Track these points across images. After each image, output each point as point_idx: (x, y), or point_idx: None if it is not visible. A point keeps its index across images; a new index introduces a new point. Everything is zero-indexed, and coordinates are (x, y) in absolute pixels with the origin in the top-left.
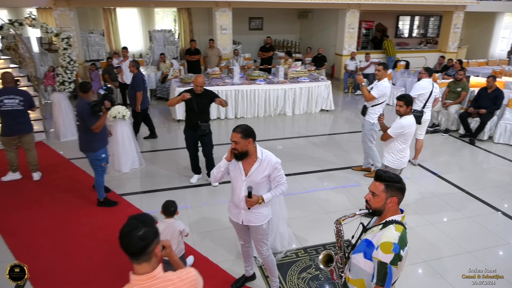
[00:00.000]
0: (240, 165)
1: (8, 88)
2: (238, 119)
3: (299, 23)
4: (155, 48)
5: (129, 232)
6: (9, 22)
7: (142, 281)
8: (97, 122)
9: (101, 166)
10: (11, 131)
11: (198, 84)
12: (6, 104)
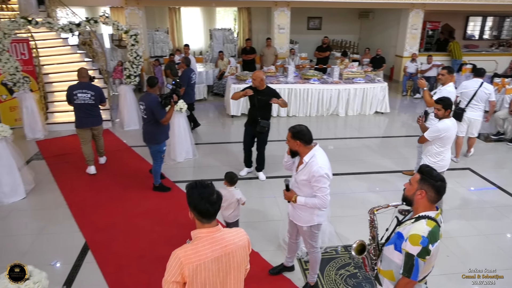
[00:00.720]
0: (296, 161)
1: (82, 83)
2: (290, 117)
3: (359, 23)
4: (214, 46)
5: (209, 197)
6: (86, 19)
7: (212, 233)
8: (167, 115)
9: (161, 157)
10: (82, 123)
11: (254, 78)
12: (79, 98)
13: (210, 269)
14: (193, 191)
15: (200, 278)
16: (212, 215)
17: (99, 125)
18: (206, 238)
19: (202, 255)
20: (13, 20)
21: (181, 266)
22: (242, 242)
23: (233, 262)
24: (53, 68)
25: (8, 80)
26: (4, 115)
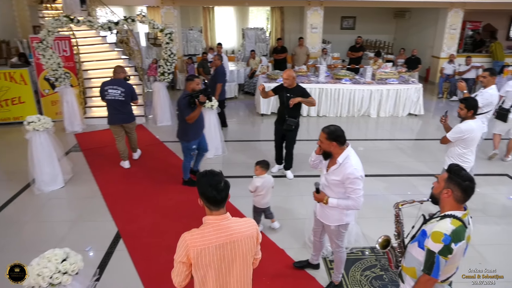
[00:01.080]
0: (324, 160)
1: (114, 79)
2: (320, 117)
3: (395, 23)
4: (246, 45)
5: (216, 185)
6: (124, 18)
7: (218, 220)
8: (191, 114)
9: (190, 154)
10: (113, 119)
11: (284, 77)
12: (109, 94)
13: (214, 254)
14: (202, 179)
15: (204, 261)
16: (219, 203)
17: (130, 123)
18: (213, 225)
19: (207, 240)
20: (56, 18)
21: (187, 248)
22: (249, 232)
23: (238, 251)
24: (92, 64)
25: (50, 76)
26: (46, 108)
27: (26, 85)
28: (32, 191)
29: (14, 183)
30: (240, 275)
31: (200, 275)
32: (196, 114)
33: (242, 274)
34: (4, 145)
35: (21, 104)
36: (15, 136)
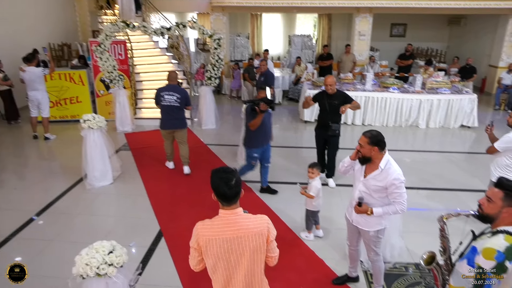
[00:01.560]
0: (359, 166)
1: (170, 85)
2: (365, 126)
3: (448, 30)
4: (292, 51)
5: (227, 181)
6: (176, 24)
7: (228, 214)
8: (252, 121)
9: (251, 163)
10: (166, 125)
11: (327, 84)
12: (165, 99)
13: (221, 247)
14: (215, 175)
15: (212, 251)
16: (230, 199)
17: (182, 129)
18: (222, 218)
19: (214, 232)
20: (114, 24)
21: (197, 236)
22: (258, 229)
23: (245, 246)
24: (144, 68)
25: (106, 77)
26: (100, 108)
27: (83, 85)
28: (84, 186)
29: (68, 177)
30: (248, 269)
31: (211, 263)
32: (257, 121)
33: (251, 269)
34: (61, 141)
35: (78, 104)
36: (71, 133)
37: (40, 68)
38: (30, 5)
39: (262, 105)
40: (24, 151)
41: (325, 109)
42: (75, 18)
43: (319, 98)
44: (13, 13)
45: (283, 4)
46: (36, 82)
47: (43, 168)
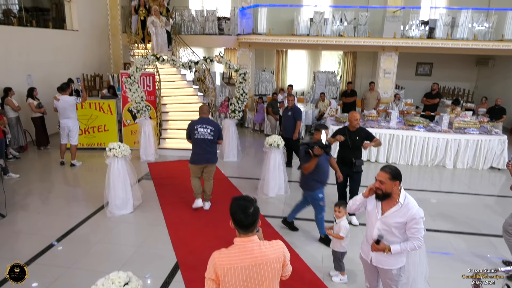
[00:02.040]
0: (379, 203)
1: (203, 118)
2: (390, 164)
3: (476, 70)
4: (316, 87)
5: (245, 209)
6: (203, 58)
7: (244, 242)
8: (305, 164)
9: (319, 205)
10: (200, 159)
11: (353, 119)
12: (199, 132)
13: (240, 275)
14: (234, 202)
15: (230, 280)
16: (246, 227)
17: (213, 163)
18: (239, 246)
19: (232, 260)
20: (145, 57)
21: (214, 266)
22: (275, 255)
23: (264, 273)
24: (170, 99)
25: (133, 107)
26: (126, 137)
27: (112, 115)
28: (105, 214)
29: (90, 204)
30: None
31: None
32: (311, 165)
33: None
34: (87, 168)
35: (105, 132)
36: (97, 161)
37: (73, 97)
38: (68, 38)
39: (316, 149)
40: (50, 177)
41: (347, 145)
42: (109, 51)
43: (341, 133)
44: (52, 44)
45: (308, 42)
46: (69, 110)
47: (67, 194)
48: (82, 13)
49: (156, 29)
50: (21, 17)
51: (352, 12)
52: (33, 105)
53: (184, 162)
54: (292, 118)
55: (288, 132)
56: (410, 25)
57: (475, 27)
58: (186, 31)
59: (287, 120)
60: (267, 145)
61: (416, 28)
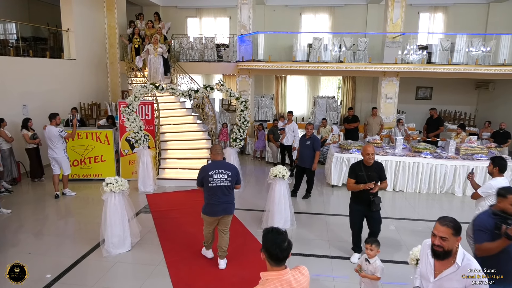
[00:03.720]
0: (432, 261)
1: (217, 162)
2: (396, 192)
3: (476, 94)
4: (317, 112)
5: (281, 244)
6: (204, 86)
7: (281, 275)
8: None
9: None
10: (216, 211)
11: (368, 153)
12: (214, 180)
13: None
14: (267, 236)
15: None
16: (281, 260)
17: (231, 214)
18: (275, 281)
19: None
20: (143, 85)
21: None
22: (307, 281)
23: None
24: (168, 128)
25: (131, 137)
26: (123, 168)
27: (109, 145)
28: (101, 252)
29: (85, 241)
30: None
31: None
32: (498, 246)
33: None
34: (82, 201)
35: (102, 163)
36: (93, 193)
37: (57, 128)
38: (65, 67)
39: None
40: (44, 211)
41: (364, 182)
42: (107, 80)
43: (356, 170)
44: (49, 74)
45: (309, 68)
46: (53, 141)
47: (61, 230)
48: (80, 42)
49: (150, 57)
50: (18, 47)
51: (351, 38)
52: (27, 136)
53: (184, 193)
54: (311, 147)
55: (305, 161)
56: (409, 50)
57: (473, 51)
58: (185, 58)
59: (305, 149)
60: (271, 176)
61: (414, 53)
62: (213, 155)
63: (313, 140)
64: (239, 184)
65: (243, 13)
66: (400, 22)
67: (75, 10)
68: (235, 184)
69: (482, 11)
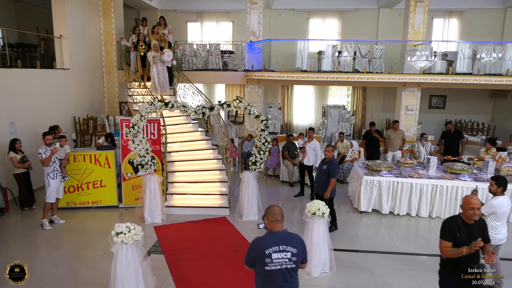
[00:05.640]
0: None
1: (277, 234)
2: (433, 218)
3: (492, 103)
4: (329, 124)
5: None
6: (219, 103)
7: None
8: None
9: None
10: None
11: (474, 207)
12: (274, 261)
13: None
14: None
15: None
16: None
17: None
18: None
19: None
20: (151, 103)
21: None
22: None
23: None
24: (175, 146)
25: (137, 161)
26: (126, 193)
27: (110, 168)
28: None
29: None
30: None
31: None
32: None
33: None
34: (80, 236)
35: (102, 188)
36: (91, 224)
37: (40, 148)
38: (58, 78)
39: None
40: (33, 250)
41: (465, 245)
42: (103, 90)
43: (454, 230)
44: (39, 86)
45: (327, 79)
46: None
47: (55, 280)
48: (74, 50)
49: (156, 66)
50: (5, 55)
51: (367, 45)
52: (16, 160)
53: (196, 225)
54: (326, 173)
55: (320, 187)
56: (419, 56)
57: (493, 59)
58: (188, 66)
59: (320, 174)
60: (309, 214)
61: (427, 60)
62: (270, 223)
63: (330, 165)
64: (305, 262)
65: (253, 18)
66: (422, 29)
67: (69, 15)
68: (301, 263)
69: (499, 17)
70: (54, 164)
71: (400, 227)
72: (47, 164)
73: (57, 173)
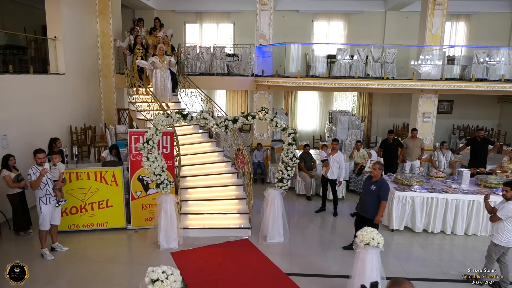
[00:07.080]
0: None
1: None
2: (469, 236)
3: (499, 108)
4: (338, 131)
5: None
6: (242, 114)
7: None
8: None
9: None
10: None
11: None
12: None
13: None
14: None
15: None
16: None
17: None
18: None
19: None
20: (167, 115)
21: None
22: None
23: None
24: (186, 158)
25: (150, 179)
26: (135, 214)
27: (117, 186)
28: None
29: None
30: None
31: None
32: None
33: None
34: (85, 265)
35: (108, 208)
36: (97, 250)
37: (31, 167)
38: (52, 83)
39: None
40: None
41: None
42: (99, 96)
43: None
44: (32, 93)
45: (346, 85)
46: None
47: None
48: (70, 53)
49: (156, 72)
50: None
51: (380, 49)
52: (9, 178)
53: (218, 249)
54: (375, 195)
55: (367, 210)
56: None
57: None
58: (191, 70)
59: (368, 195)
60: (361, 245)
61: (430, 64)
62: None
63: (380, 185)
64: None
65: (262, 20)
66: (440, 33)
67: (64, 15)
68: None
69: (507, 20)
70: (47, 186)
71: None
72: (37, 187)
73: (50, 196)
